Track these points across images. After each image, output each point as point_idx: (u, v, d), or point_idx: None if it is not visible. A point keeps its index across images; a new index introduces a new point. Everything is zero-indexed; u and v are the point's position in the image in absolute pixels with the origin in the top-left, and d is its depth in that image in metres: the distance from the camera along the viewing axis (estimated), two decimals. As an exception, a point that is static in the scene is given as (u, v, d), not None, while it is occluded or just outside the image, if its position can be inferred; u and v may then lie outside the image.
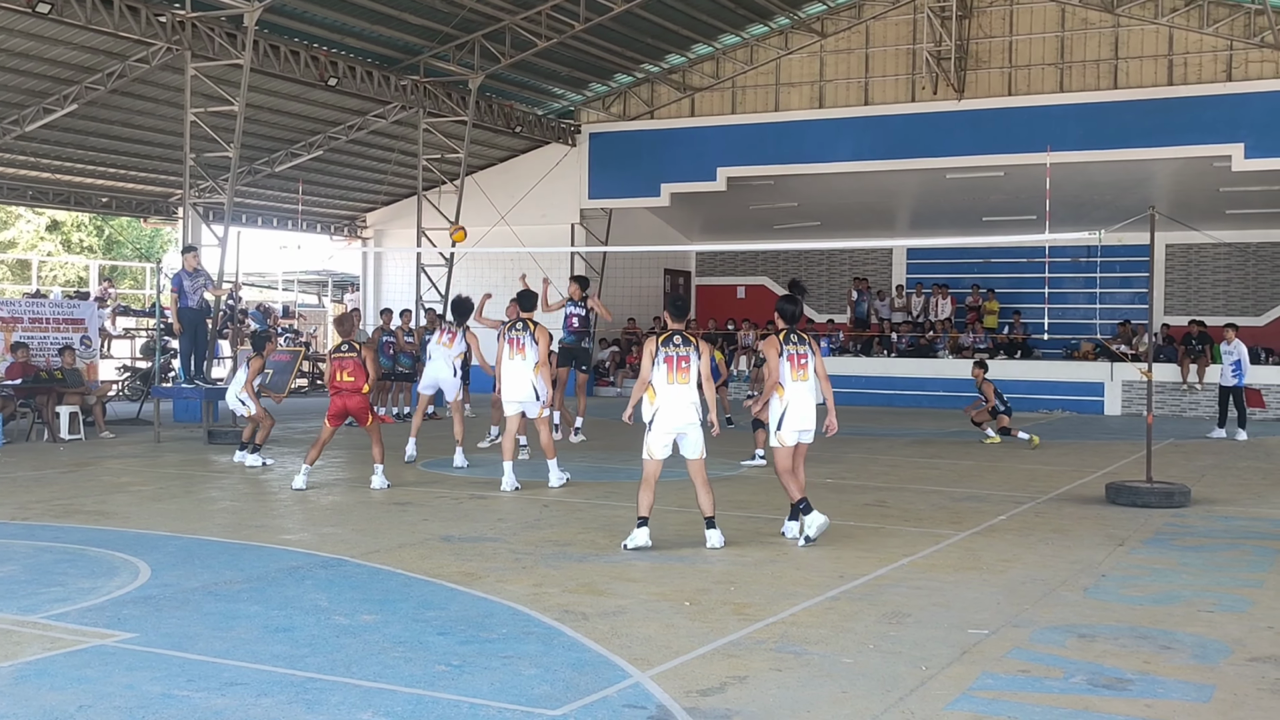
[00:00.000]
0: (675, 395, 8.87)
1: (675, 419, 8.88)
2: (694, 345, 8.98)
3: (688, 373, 8.88)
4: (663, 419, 8.87)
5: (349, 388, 11.82)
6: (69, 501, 10.93)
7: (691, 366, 8.89)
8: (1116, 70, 23.58)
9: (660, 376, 8.89)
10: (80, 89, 20.68)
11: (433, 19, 21.60)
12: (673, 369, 8.87)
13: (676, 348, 8.91)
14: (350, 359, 11.87)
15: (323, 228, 30.75)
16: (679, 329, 9.10)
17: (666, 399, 8.86)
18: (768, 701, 5.29)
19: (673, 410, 8.87)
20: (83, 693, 5.28)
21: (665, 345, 8.95)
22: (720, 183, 26.56)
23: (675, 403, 8.86)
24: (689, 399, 8.89)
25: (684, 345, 8.93)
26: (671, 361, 8.88)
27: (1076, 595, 7.49)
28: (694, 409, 8.90)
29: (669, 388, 8.87)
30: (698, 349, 8.96)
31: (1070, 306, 27.15)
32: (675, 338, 8.97)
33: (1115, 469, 14.19)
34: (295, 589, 7.40)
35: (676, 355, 8.89)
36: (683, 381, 8.86)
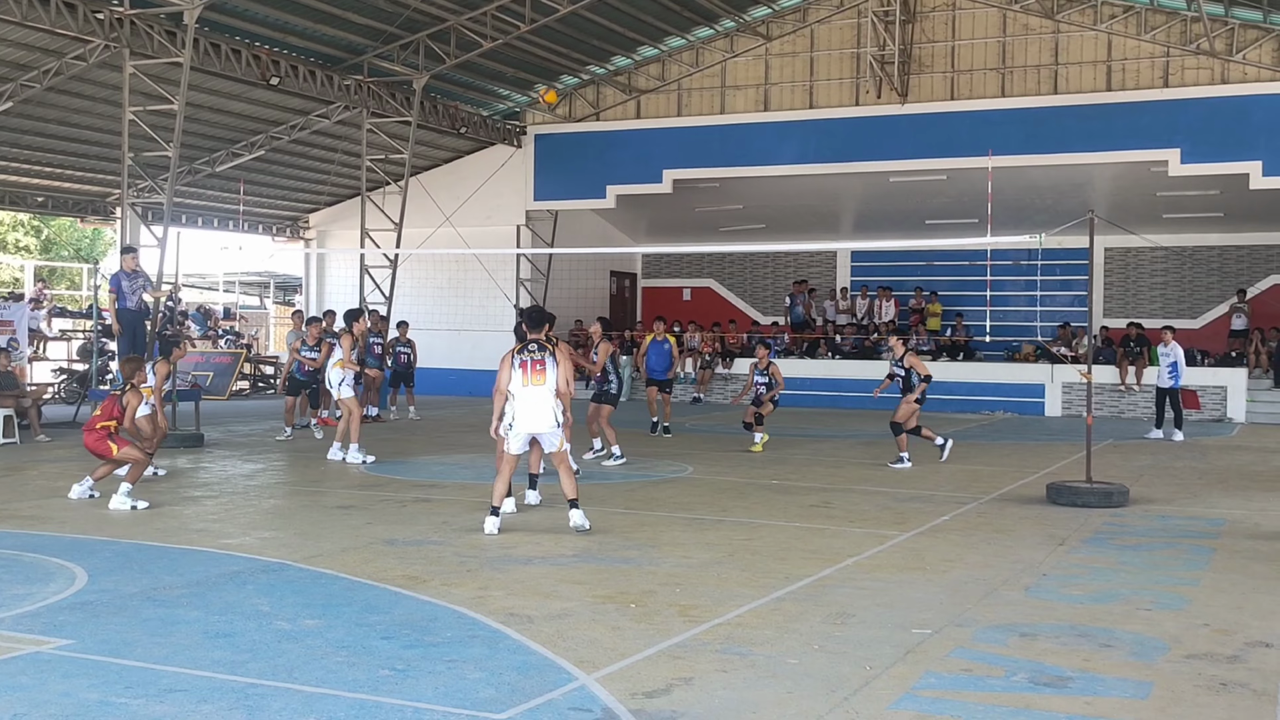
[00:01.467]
0: (530, 397, 9.51)
1: (531, 422, 9.54)
2: (549, 351, 9.62)
3: (543, 374, 9.51)
4: (520, 421, 9.54)
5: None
6: (2, 506, 10.72)
7: (547, 370, 9.53)
8: (1057, 76, 23.90)
9: (517, 380, 9.54)
10: (15, 87, 20.30)
11: (377, 18, 21.45)
12: (528, 372, 9.53)
13: (532, 353, 9.57)
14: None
15: (264, 228, 30.42)
16: (536, 338, 9.71)
17: (523, 401, 9.50)
18: (713, 703, 5.30)
19: (529, 412, 9.52)
20: (17, 700, 5.18)
21: (521, 353, 9.60)
22: (666, 185, 26.60)
23: (531, 404, 9.51)
24: (546, 402, 9.52)
25: (539, 350, 9.58)
26: (526, 366, 9.54)
27: (1018, 594, 7.57)
28: (551, 412, 9.55)
29: (524, 390, 9.53)
30: (554, 355, 9.60)
31: (1011, 309, 27.46)
32: (531, 345, 9.64)
33: (1055, 469, 14.37)
34: (236, 594, 7.31)
35: (531, 360, 9.55)
36: (537, 383, 9.50)
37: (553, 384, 9.56)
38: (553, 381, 9.56)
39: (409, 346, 21.97)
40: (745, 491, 12.26)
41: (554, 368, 9.56)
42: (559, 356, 9.62)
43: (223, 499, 11.40)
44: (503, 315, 28.10)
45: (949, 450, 14.97)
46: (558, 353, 9.68)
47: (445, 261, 28.26)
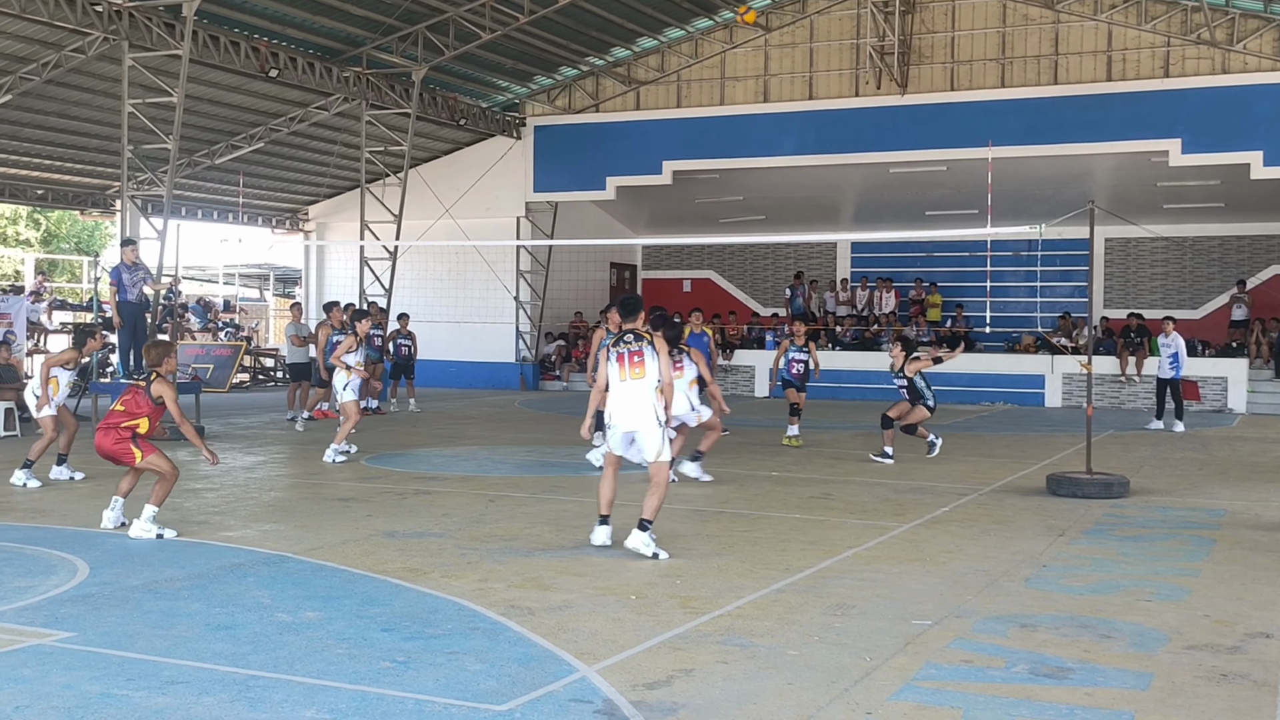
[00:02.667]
0: (629, 392, 8.47)
1: (628, 418, 8.46)
2: (648, 341, 8.52)
3: (642, 367, 8.44)
4: (617, 419, 8.50)
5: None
6: (3, 499, 10.73)
7: (646, 362, 8.45)
8: (1057, 66, 23.86)
9: (614, 374, 8.54)
10: (14, 79, 20.27)
11: (376, 10, 21.42)
12: (625, 365, 8.49)
13: (629, 344, 8.53)
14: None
15: (264, 221, 30.42)
16: (633, 327, 8.63)
17: (621, 396, 8.48)
18: (714, 694, 5.31)
19: (627, 409, 8.46)
20: (19, 693, 5.19)
21: (617, 345, 8.60)
22: (666, 176, 26.58)
23: (629, 400, 8.46)
24: (646, 398, 8.42)
25: (636, 341, 8.52)
26: (624, 358, 8.50)
27: (1018, 585, 7.58)
28: (652, 411, 8.42)
29: (621, 385, 8.50)
30: (654, 345, 8.50)
31: (1012, 300, 27.47)
32: (627, 335, 8.59)
33: (1056, 460, 14.38)
34: (237, 586, 7.31)
35: (629, 351, 8.50)
36: (636, 377, 8.44)
37: (654, 378, 8.44)
38: (654, 375, 8.44)
39: (409, 339, 21.97)
40: (745, 483, 12.27)
41: (654, 359, 8.46)
42: (658, 347, 8.51)
43: (223, 491, 11.40)
44: (503, 307, 28.13)
45: (938, 449, 14.35)
46: (657, 342, 8.54)
47: (445, 253, 28.25)
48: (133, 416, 9.05)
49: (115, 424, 9.01)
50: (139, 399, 9.10)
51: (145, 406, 9.10)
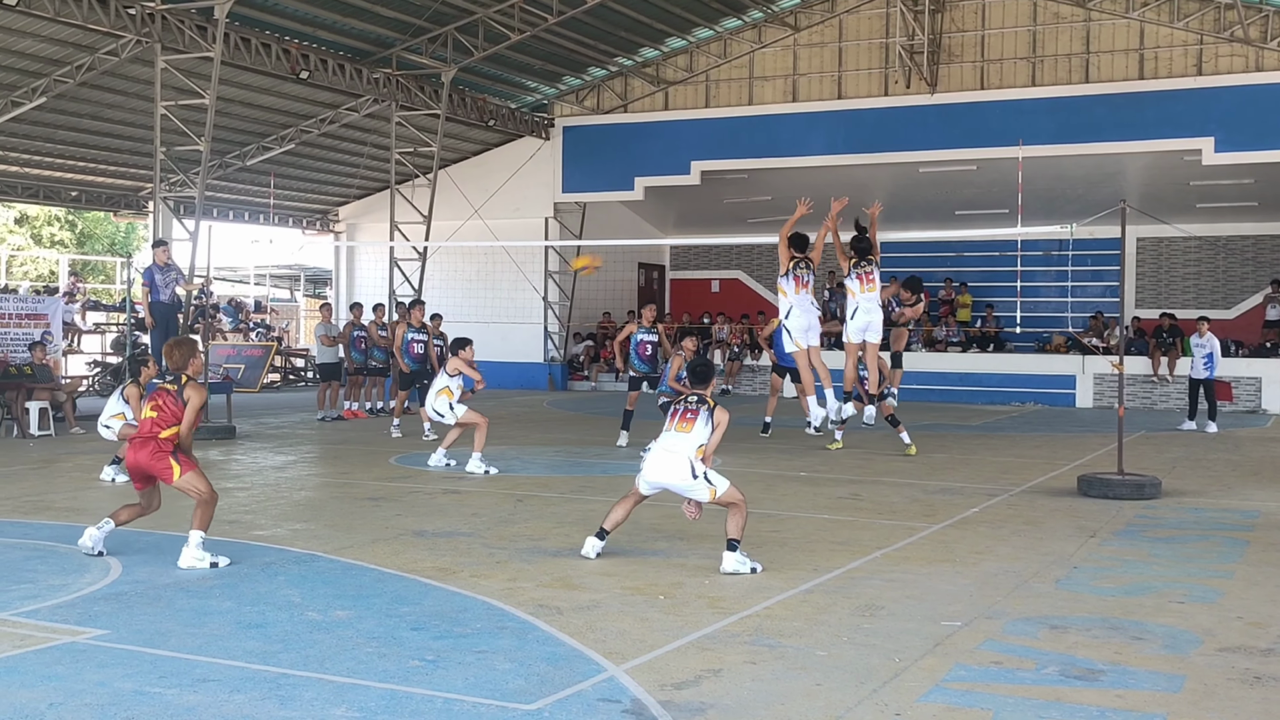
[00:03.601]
0: (668, 444, 8.17)
1: (659, 474, 8.16)
2: (710, 410, 8.24)
3: (691, 425, 8.16)
4: (648, 466, 8.20)
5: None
6: (39, 498, 10.83)
7: (697, 423, 8.16)
8: (1088, 64, 23.70)
9: (666, 423, 8.35)
10: (49, 82, 20.49)
11: (405, 11, 21.51)
12: (676, 419, 8.25)
13: (689, 404, 8.30)
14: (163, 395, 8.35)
15: (295, 221, 30.60)
16: (700, 393, 8.38)
17: (660, 446, 8.20)
18: (742, 694, 5.30)
19: (661, 461, 8.15)
20: (53, 690, 5.24)
21: (679, 403, 8.39)
22: (694, 176, 26.57)
23: (666, 453, 8.15)
24: (684, 454, 8.09)
25: (698, 404, 8.27)
26: (677, 414, 8.27)
27: (1048, 587, 7.53)
28: (688, 465, 8.07)
29: (666, 435, 8.24)
30: (713, 415, 8.22)
31: (1042, 300, 27.31)
32: (692, 399, 8.34)
33: (1087, 461, 14.28)
34: (268, 585, 7.36)
35: (685, 408, 8.27)
36: (681, 430, 8.15)
37: (698, 440, 8.13)
38: (699, 438, 8.13)
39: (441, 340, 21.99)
40: (773, 483, 12.25)
41: (706, 426, 8.16)
42: (717, 418, 8.20)
43: (254, 491, 11.48)
44: (532, 307, 28.18)
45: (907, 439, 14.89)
46: (718, 414, 8.23)
47: (474, 254, 28.33)
48: (168, 425, 8.14)
49: (153, 434, 8.08)
50: (172, 404, 8.22)
51: (178, 413, 8.20)
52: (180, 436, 8.14)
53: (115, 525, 8.25)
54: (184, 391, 8.23)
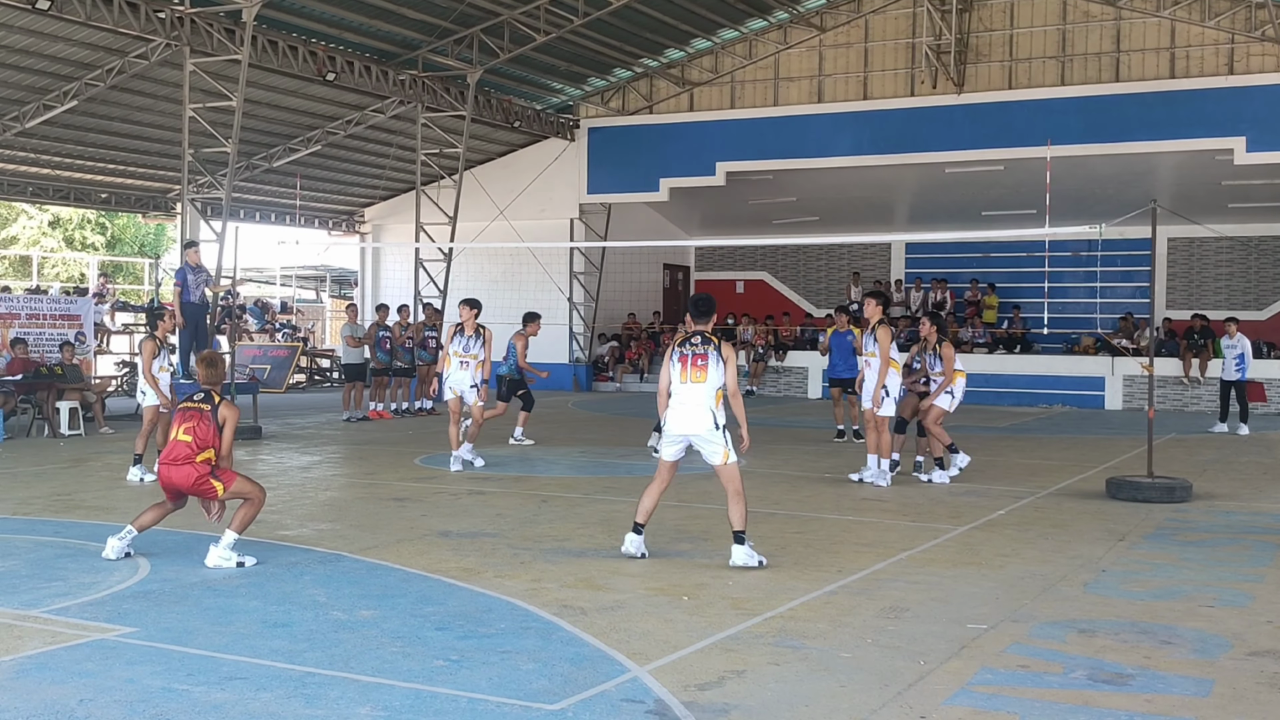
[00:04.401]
0: (686, 395, 8.18)
1: (684, 424, 8.19)
2: (715, 346, 8.22)
3: (704, 370, 8.14)
4: (671, 422, 8.25)
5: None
6: (69, 496, 10.92)
7: (709, 366, 8.14)
8: (1118, 63, 23.55)
9: (675, 375, 8.26)
10: (80, 85, 20.66)
11: (431, 13, 21.58)
12: (687, 367, 8.20)
13: (694, 347, 8.24)
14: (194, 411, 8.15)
15: (321, 223, 30.74)
16: (702, 329, 8.33)
17: (677, 399, 8.21)
18: (766, 695, 5.29)
19: (682, 413, 8.19)
20: (83, 686, 5.28)
21: (682, 345, 8.32)
22: (719, 177, 26.54)
23: (685, 403, 8.17)
24: (702, 402, 8.11)
25: (703, 344, 8.23)
26: (687, 360, 8.22)
27: (1076, 590, 7.48)
28: (709, 414, 8.11)
29: (681, 387, 8.21)
30: (720, 351, 8.20)
31: (1070, 301, 27.14)
32: (695, 337, 8.29)
33: (1116, 464, 14.19)
34: (293, 584, 7.39)
35: (693, 354, 8.21)
36: (696, 380, 8.13)
37: (715, 383, 8.13)
38: (715, 380, 8.13)
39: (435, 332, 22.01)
40: (797, 484, 12.22)
41: (718, 365, 8.13)
42: (725, 353, 8.18)
43: (280, 491, 11.53)
44: (557, 308, 28.20)
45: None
46: (724, 349, 8.22)
47: (499, 255, 28.38)
48: (204, 448, 7.96)
49: (188, 458, 7.92)
50: (206, 426, 8.00)
51: (213, 434, 8.01)
52: (221, 459, 8.02)
53: (138, 531, 8.15)
54: (219, 411, 8.05)
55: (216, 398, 8.15)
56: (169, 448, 8.11)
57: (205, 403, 8.10)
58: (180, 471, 7.93)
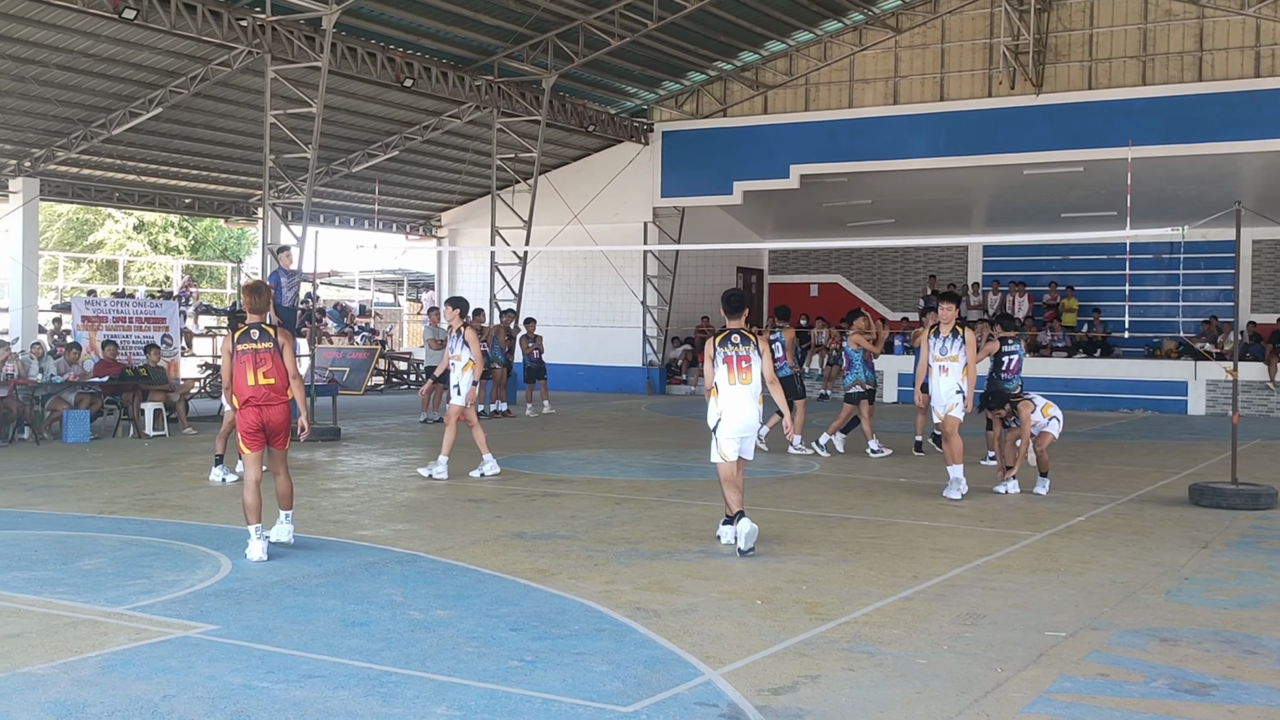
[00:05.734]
0: (738, 396, 8.64)
1: (741, 421, 8.66)
2: (754, 343, 8.71)
3: (749, 372, 8.63)
4: (729, 421, 8.66)
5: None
6: (153, 496, 11.16)
7: (753, 365, 8.66)
8: (1201, 62, 23.09)
9: (722, 377, 8.68)
10: (165, 93, 21.11)
11: (507, 19, 21.75)
12: (733, 369, 8.66)
13: (735, 347, 8.69)
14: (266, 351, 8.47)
15: (399, 227, 31.11)
16: (737, 326, 8.79)
17: (730, 400, 8.64)
18: (840, 701, 5.26)
19: (738, 412, 8.66)
20: (167, 683, 5.40)
21: (723, 345, 8.73)
22: (794, 180, 26.44)
23: (740, 404, 8.65)
24: (754, 401, 8.67)
25: (743, 344, 8.68)
26: (732, 362, 8.66)
27: (1158, 598, 7.35)
28: (758, 412, 8.73)
29: (731, 389, 8.66)
30: (758, 347, 8.71)
31: (1152, 304, 26.64)
32: (734, 336, 8.73)
33: (1199, 470, 13.90)
34: (371, 584, 7.49)
35: (737, 355, 8.66)
36: (745, 381, 8.62)
37: (759, 382, 8.71)
38: (759, 379, 8.71)
39: (536, 343, 22.18)
40: (872, 489, 12.13)
41: (759, 362, 8.69)
42: (762, 348, 8.75)
43: (358, 492, 11.69)
44: (630, 312, 28.29)
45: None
46: (760, 343, 8.76)
47: (573, 258, 28.52)
48: (286, 384, 8.43)
49: (280, 400, 8.36)
50: (278, 365, 8.39)
51: (283, 369, 8.42)
52: (293, 380, 8.44)
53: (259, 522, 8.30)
54: (278, 341, 8.37)
55: (271, 330, 8.42)
56: (253, 391, 8.33)
57: (263, 340, 8.37)
58: (274, 411, 8.35)
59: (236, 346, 8.43)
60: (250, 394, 8.36)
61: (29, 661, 5.69)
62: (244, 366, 8.36)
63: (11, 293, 23.09)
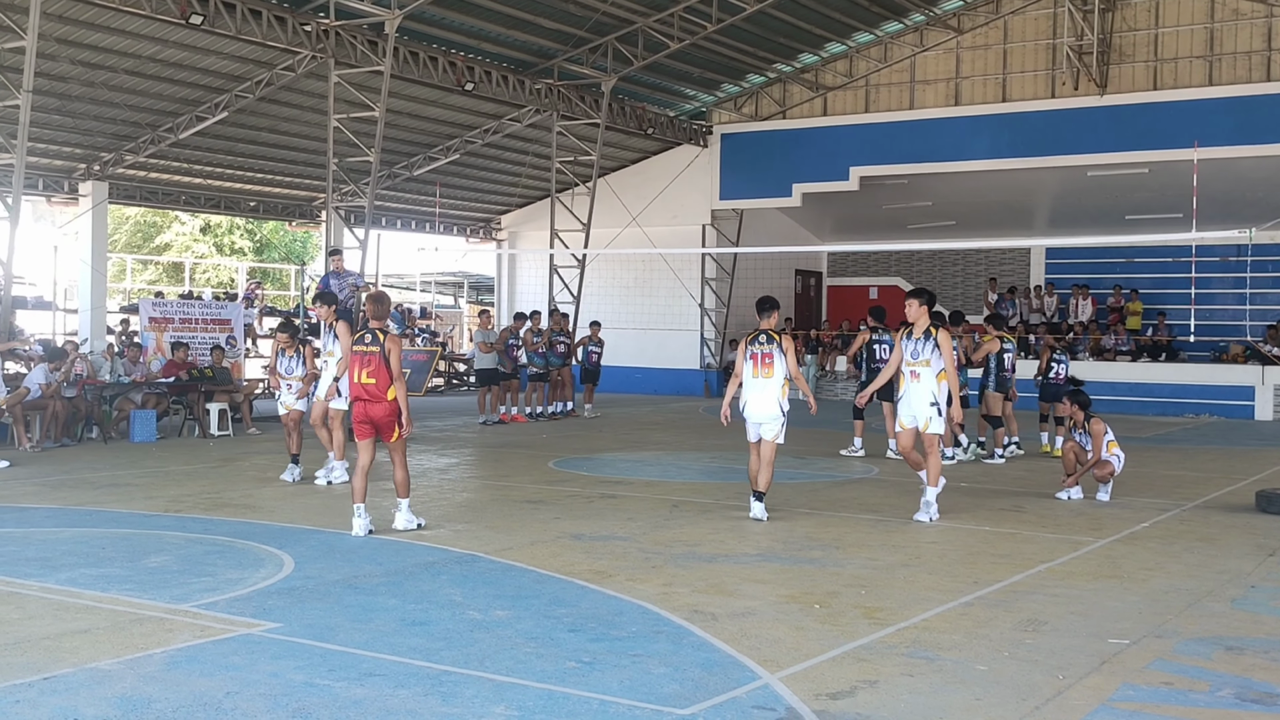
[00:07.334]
0: (757, 388, 10.01)
1: (758, 410, 10.02)
2: (777, 344, 10.01)
3: (771, 368, 9.96)
4: (750, 409, 10.05)
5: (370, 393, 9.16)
6: (218, 495, 11.33)
7: (775, 364, 9.96)
8: (1270, 62, 22.66)
9: (748, 371, 10.09)
10: (230, 97, 21.41)
11: (566, 23, 21.85)
12: (758, 365, 10.04)
13: (761, 345, 10.06)
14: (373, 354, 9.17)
15: (459, 230, 31.33)
16: (766, 328, 10.12)
17: (751, 390, 10.03)
18: (899, 707, 5.23)
19: (756, 401, 10.03)
20: (230, 679, 5.48)
21: (752, 344, 10.12)
22: (853, 182, 26.30)
23: (758, 395, 10.02)
24: (772, 394, 9.96)
25: (768, 343, 10.03)
26: (757, 359, 10.05)
27: (1223, 606, 7.23)
28: (776, 404, 9.96)
29: (753, 381, 10.05)
30: (781, 347, 9.99)
31: (1218, 307, 26.19)
32: (761, 336, 10.10)
33: (1266, 476, 13.65)
34: (431, 584, 7.56)
35: (761, 353, 10.04)
36: (766, 376, 9.96)
37: (780, 377, 10.00)
38: (780, 375, 9.99)
39: (600, 346, 22.15)
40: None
41: (781, 360, 9.98)
42: (785, 346, 10.02)
43: (418, 492, 11.77)
44: (688, 314, 28.28)
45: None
46: (784, 343, 10.05)
47: (631, 261, 28.57)
48: (388, 385, 9.05)
49: (380, 397, 9.05)
50: (382, 368, 9.03)
51: (386, 372, 9.03)
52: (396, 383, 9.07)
53: (363, 503, 9.16)
54: (385, 347, 9.08)
55: (381, 335, 9.13)
56: (358, 389, 9.14)
57: (374, 344, 9.11)
58: (378, 408, 9.05)
59: (354, 347, 9.36)
60: (357, 391, 9.21)
61: (96, 657, 5.81)
62: (355, 366, 9.20)
63: (81, 294, 23.53)
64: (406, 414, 9.27)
